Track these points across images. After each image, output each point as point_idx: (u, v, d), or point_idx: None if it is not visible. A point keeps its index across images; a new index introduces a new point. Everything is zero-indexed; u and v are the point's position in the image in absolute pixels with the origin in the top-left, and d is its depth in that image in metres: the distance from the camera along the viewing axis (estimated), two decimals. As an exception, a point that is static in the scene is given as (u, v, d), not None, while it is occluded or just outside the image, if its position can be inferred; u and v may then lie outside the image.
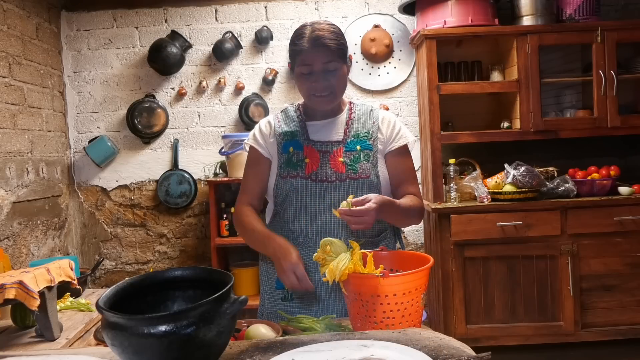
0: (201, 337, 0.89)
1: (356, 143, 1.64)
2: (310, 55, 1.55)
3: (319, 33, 1.55)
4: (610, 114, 3.26)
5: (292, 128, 1.68)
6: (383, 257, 1.38)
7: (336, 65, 1.57)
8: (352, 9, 3.66)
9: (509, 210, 3.12)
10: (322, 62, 1.55)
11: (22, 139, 3.01)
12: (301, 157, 1.63)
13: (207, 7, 3.65)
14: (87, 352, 1.13)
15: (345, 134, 1.66)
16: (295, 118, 1.71)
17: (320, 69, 1.56)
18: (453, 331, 3.11)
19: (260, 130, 1.72)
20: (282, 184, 1.63)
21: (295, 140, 1.66)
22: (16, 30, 3.01)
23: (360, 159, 1.62)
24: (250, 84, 3.66)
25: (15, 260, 2.87)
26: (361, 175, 1.61)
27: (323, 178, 1.60)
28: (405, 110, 3.68)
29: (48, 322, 1.63)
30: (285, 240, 1.56)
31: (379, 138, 1.67)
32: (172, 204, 3.64)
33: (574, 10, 3.32)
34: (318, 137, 1.66)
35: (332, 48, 1.55)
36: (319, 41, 1.54)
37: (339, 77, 1.60)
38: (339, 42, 1.58)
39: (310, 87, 1.59)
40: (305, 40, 1.56)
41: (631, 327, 3.14)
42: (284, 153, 1.65)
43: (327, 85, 1.58)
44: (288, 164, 1.64)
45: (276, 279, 1.65)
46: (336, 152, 1.63)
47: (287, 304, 1.63)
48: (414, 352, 0.94)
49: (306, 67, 1.57)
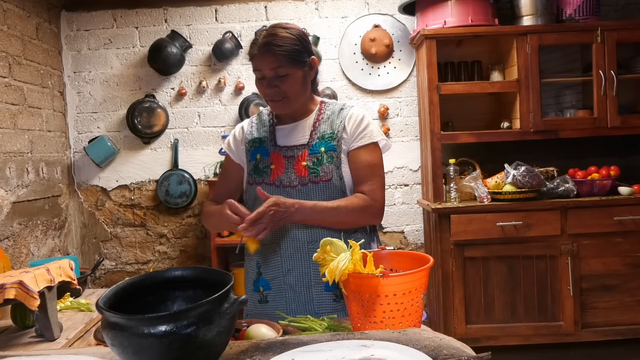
0: (201, 337, 0.89)
1: (320, 145, 1.62)
2: (258, 61, 1.57)
3: (268, 39, 1.55)
4: (610, 114, 3.26)
5: (261, 134, 1.71)
6: (383, 257, 1.38)
7: (286, 70, 1.55)
8: (352, 9, 3.66)
9: (509, 210, 3.12)
10: (270, 67, 1.55)
11: (22, 139, 3.01)
12: (267, 163, 1.65)
13: (207, 7, 3.65)
14: (87, 352, 1.13)
15: (311, 136, 1.64)
16: (267, 123, 1.73)
17: (271, 75, 1.56)
18: (453, 331, 3.11)
19: (234, 137, 1.76)
20: (250, 191, 1.67)
21: (262, 147, 1.68)
22: (16, 30, 3.01)
23: (323, 161, 1.60)
24: (250, 84, 3.66)
25: (15, 260, 2.87)
26: (322, 179, 1.59)
27: (286, 183, 1.61)
28: (405, 110, 3.68)
29: (48, 322, 1.63)
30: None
31: (344, 138, 1.63)
32: (172, 204, 3.64)
33: (574, 10, 3.32)
34: (285, 141, 1.67)
35: (278, 54, 1.54)
36: (266, 47, 1.54)
37: (290, 83, 1.57)
38: (289, 48, 1.55)
39: (264, 93, 1.61)
40: (256, 45, 1.57)
41: (631, 327, 3.14)
42: (251, 160, 1.68)
43: (278, 91, 1.57)
44: (255, 170, 1.66)
45: (252, 281, 1.68)
46: (300, 156, 1.62)
47: (263, 305, 1.64)
48: (414, 352, 0.94)
49: (258, 72, 1.59)
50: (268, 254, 1.63)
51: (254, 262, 1.68)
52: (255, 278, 1.67)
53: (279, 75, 1.56)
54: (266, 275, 1.64)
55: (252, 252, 1.54)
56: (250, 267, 1.71)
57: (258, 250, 1.57)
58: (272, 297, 1.63)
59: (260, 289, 1.65)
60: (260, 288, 1.65)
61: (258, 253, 1.63)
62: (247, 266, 1.73)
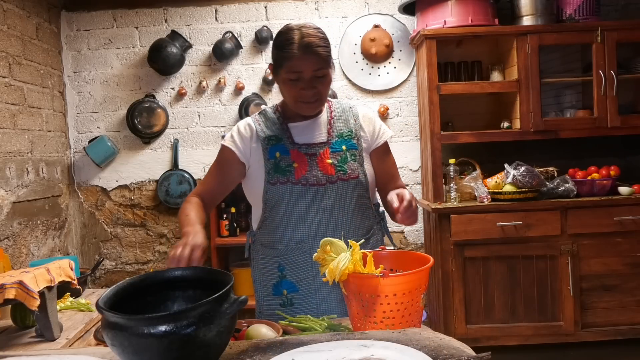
0: (201, 337, 0.89)
1: (341, 143, 1.63)
2: (300, 63, 1.51)
3: (310, 40, 1.51)
4: (610, 114, 3.26)
5: (275, 132, 1.65)
6: (383, 257, 1.38)
7: (324, 72, 1.55)
8: (352, 9, 3.66)
9: (509, 210, 3.12)
10: (312, 69, 1.52)
11: (22, 139, 3.01)
12: (289, 161, 1.60)
13: (207, 7, 3.65)
14: (87, 352, 1.13)
15: (329, 134, 1.64)
16: (276, 120, 1.68)
17: (310, 76, 1.53)
18: (453, 331, 3.11)
19: (240, 133, 1.68)
20: (272, 191, 1.59)
21: (280, 145, 1.62)
22: (16, 30, 3.01)
23: (348, 159, 1.61)
24: (250, 84, 3.66)
25: (15, 260, 2.87)
26: (351, 176, 1.60)
27: (313, 182, 1.58)
28: (405, 110, 3.68)
29: (48, 322, 1.63)
30: (201, 228, 1.45)
31: (362, 136, 1.66)
32: (172, 204, 3.64)
33: (574, 10, 3.32)
34: (302, 139, 1.63)
35: (322, 55, 1.53)
36: (310, 49, 1.51)
37: (327, 84, 1.58)
38: (328, 49, 1.56)
39: (297, 94, 1.56)
40: (295, 46, 1.51)
41: (631, 327, 3.14)
42: (270, 159, 1.61)
43: (316, 92, 1.56)
44: (276, 169, 1.60)
45: (273, 285, 1.64)
46: (323, 153, 1.61)
47: (287, 309, 1.61)
48: (414, 352, 0.94)
49: (294, 73, 1.53)
50: (294, 255, 1.60)
51: (275, 264, 1.64)
52: (277, 281, 1.64)
53: (318, 77, 1.54)
54: (292, 277, 1.61)
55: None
56: (267, 271, 1.66)
57: (281, 250, 1.60)
58: (298, 300, 1.60)
59: (284, 292, 1.62)
60: (284, 291, 1.62)
61: (281, 254, 1.62)
62: (263, 270, 1.68)
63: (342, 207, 1.60)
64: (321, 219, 1.58)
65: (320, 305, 1.59)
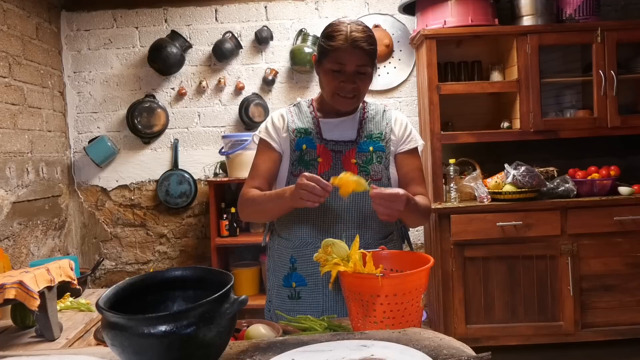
0: (201, 337, 0.89)
1: (369, 144, 1.64)
2: (345, 55, 1.54)
3: (358, 35, 1.54)
4: (610, 114, 3.26)
5: (306, 125, 1.67)
6: (383, 257, 1.38)
7: (367, 69, 1.57)
8: (352, 9, 3.66)
9: (509, 210, 3.12)
10: (357, 64, 1.55)
11: (22, 139, 3.01)
12: (314, 155, 1.62)
13: (207, 7, 3.65)
14: (87, 352, 1.13)
15: (359, 133, 1.66)
16: (309, 114, 1.70)
17: (352, 71, 1.55)
18: (453, 331, 3.11)
19: (273, 124, 1.69)
20: (294, 182, 1.57)
21: (308, 137, 1.64)
22: (16, 30, 3.01)
23: (373, 161, 1.62)
24: (250, 84, 3.66)
25: (15, 260, 2.87)
26: (373, 178, 1.61)
27: None
28: (405, 110, 3.68)
29: (48, 322, 1.63)
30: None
31: (392, 140, 1.67)
32: (172, 204, 3.64)
33: (574, 10, 3.32)
34: (331, 136, 1.65)
35: (368, 52, 1.55)
36: (357, 43, 1.53)
37: (367, 81, 1.60)
38: (374, 48, 1.58)
39: (337, 86, 1.57)
40: (342, 38, 1.53)
41: (631, 327, 3.14)
42: (296, 150, 1.64)
43: (355, 87, 1.57)
44: (300, 161, 1.62)
45: (283, 276, 1.65)
46: (349, 152, 1.62)
47: (295, 302, 1.61)
48: (414, 352, 0.94)
49: (338, 65, 1.55)
50: (307, 249, 1.60)
51: (288, 255, 1.65)
52: (288, 273, 1.64)
53: (360, 73, 1.56)
54: (302, 271, 1.62)
55: (346, 196, 1.42)
56: (281, 261, 1.67)
57: (295, 243, 1.59)
58: (306, 294, 1.61)
59: (293, 284, 1.62)
60: (293, 284, 1.63)
61: (295, 247, 1.62)
62: (277, 260, 1.69)
63: (361, 208, 1.60)
64: (338, 218, 1.59)
65: (326, 302, 1.59)
